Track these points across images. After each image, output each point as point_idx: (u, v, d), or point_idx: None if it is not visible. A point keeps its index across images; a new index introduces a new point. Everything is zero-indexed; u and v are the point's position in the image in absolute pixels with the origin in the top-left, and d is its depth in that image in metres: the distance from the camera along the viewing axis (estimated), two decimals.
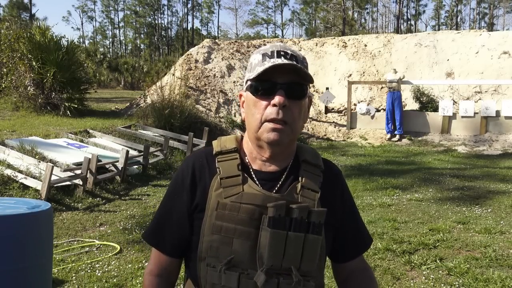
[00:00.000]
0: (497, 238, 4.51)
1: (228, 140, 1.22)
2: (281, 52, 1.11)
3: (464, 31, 14.29)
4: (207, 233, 1.11)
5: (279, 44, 1.15)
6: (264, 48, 1.14)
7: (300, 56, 1.14)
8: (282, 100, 1.08)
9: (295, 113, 1.11)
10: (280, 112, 1.08)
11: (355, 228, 1.27)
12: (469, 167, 8.70)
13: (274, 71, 1.09)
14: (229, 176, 1.13)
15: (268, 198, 1.10)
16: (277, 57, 1.10)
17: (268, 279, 1.05)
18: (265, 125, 1.10)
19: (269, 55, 1.11)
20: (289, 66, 1.08)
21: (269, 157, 1.16)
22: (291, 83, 1.10)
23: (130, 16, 63.54)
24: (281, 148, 1.15)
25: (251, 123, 1.13)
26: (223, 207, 1.10)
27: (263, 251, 1.06)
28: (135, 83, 32.34)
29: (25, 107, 11.23)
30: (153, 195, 6.49)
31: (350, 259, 1.27)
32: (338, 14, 49.80)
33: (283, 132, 1.10)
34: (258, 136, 1.12)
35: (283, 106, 1.08)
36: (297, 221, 1.06)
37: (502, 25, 58.40)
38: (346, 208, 1.25)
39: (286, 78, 1.10)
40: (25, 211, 1.86)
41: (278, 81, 1.09)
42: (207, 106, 12.16)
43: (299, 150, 1.23)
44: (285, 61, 1.09)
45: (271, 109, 1.09)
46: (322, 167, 1.21)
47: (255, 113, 1.12)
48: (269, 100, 1.10)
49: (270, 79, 1.10)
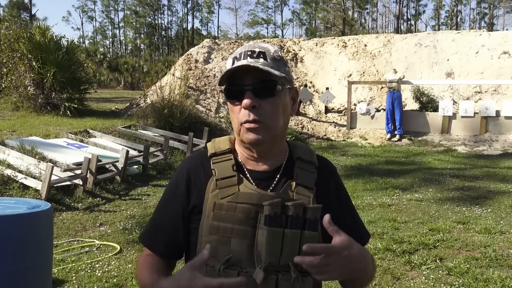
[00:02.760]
0: (497, 238, 4.51)
1: (222, 141, 1.23)
2: (248, 52, 1.12)
3: (464, 31, 14.29)
4: (205, 234, 1.12)
5: (249, 44, 1.16)
6: (236, 51, 1.16)
7: (270, 51, 1.13)
8: (249, 102, 1.09)
9: (268, 110, 1.11)
10: (250, 114, 1.10)
11: (351, 224, 1.27)
12: (469, 167, 8.70)
13: (242, 73, 1.10)
14: (225, 177, 1.15)
15: (263, 197, 1.11)
16: (243, 59, 1.10)
17: (266, 276, 1.06)
18: (242, 127, 1.13)
19: (238, 58, 1.12)
20: (245, 67, 1.09)
21: (258, 157, 1.18)
22: (257, 82, 1.10)
23: (130, 16, 63.54)
24: (265, 147, 1.16)
25: (234, 127, 1.17)
26: (220, 208, 1.11)
27: (260, 249, 1.07)
28: (135, 83, 32.32)
29: (25, 107, 11.23)
30: (153, 195, 6.49)
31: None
32: (338, 14, 49.81)
33: (259, 131, 1.11)
34: (241, 138, 1.15)
35: (253, 107, 1.10)
36: (293, 218, 1.07)
37: (502, 25, 58.46)
38: (341, 203, 1.25)
39: (252, 78, 1.10)
40: (25, 211, 1.86)
41: (245, 83, 1.10)
42: (207, 106, 12.16)
43: (292, 147, 1.23)
44: (251, 61, 1.09)
45: (243, 112, 1.11)
46: (316, 163, 1.22)
47: (233, 117, 1.15)
48: (240, 103, 1.12)
49: (237, 83, 1.11)
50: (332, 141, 12.38)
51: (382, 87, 13.63)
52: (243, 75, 1.10)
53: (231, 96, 1.14)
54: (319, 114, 13.78)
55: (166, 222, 1.21)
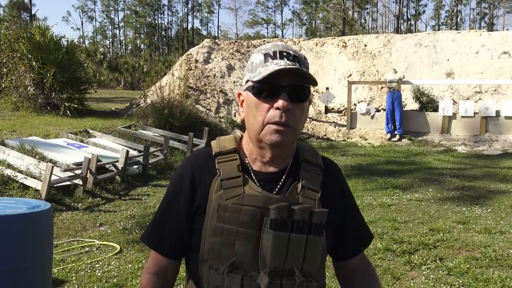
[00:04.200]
0: (497, 238, 4.51)
1: (228, 140, 1.20)
2: (283, 52, 1.10)
3: (464, 31, 14.29)
4: (208, 235, 1.10)
5: (281, 44, 1.13)
6: (265, 47, 1.13)
7: (302, 57, 1.13)
8: (286, 104, 1.07)
9: (297, 115, 1.11)
10: (283, 116, 1.08)
11: (355, 226, 1.27)
12: (469, 167, 8.70)
13: (277, 74, 1.07)
14: (230, 177, 1.13)
15: (269, 200, 1.09)
16: (279, 58, 1.08)
17: (271, 281, 1.05)
18: (268, 127, 1.09)
19: (272, 56, 1.09)
20: (294, 70, 1.07)
21: (270, 159, 1.16)
22: (294, 86, 1.09)
23: (130, 16, 63.54)
24: (282, 150, 1.15)
25: (253, 125, 1.12)
26: (224, 209, 1.09)
27: (265, 253, 1.05)
28: (135, 83, 32.32)
29: (25, 107, 11.23)
30: (153, 195, 6.49)
31: (351, 257, 1.27)
32: (338, 14, 49.80)
33: (286, 134, 1.09)
34: (260, 138, 1.12)
35: (287, 110, 1.08)
36: (299, 223, 1.06)
37: (502, 25, 58.45)
38: (346, 205, 1.25)
39: (289, 81, 1.08)
40: (25, 211, 1.85)
41: (282, 84, 1.08)
42: (207, 106, 12.16)
43: (298, 149, 1.22)
44: (289, 63, 1.08)
45: (274, 112, 1.08)
46: (322, 165, 1.21)
47: (257, 115, 1.10)
48: (271, 102, 1.09)
49: (273, 82, 1.08)
50: (332, 141, 12.37)
51: (382, 87, 13.63)
52: (279, 75, 1.08)
53: (263, 93, 1.10)
54: (319, 114, 13.78)
55: (169, 222, 1.19)
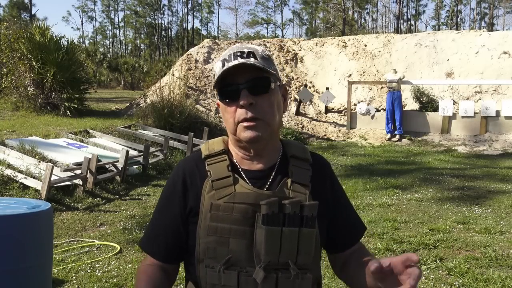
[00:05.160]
0: (497, 238, 4.51)
1: (216, 142, 1.23)
2: (237, 53, 1.12)
3: (464, 31, 14.28)
4: (203, 235, 1.12)
5: (236, 46, 1.17)
6: (224, 54, 1.16)
7: (258, 50, 1.15)
8: (246, 100, 1.10)
9: (265, 106, 1.12)
10: (248, 112, 1.10)
11: (347, 217, 1.28)
12: (469, 167, 8.70)
13: (235, 73, 1.11)
14: (220, 177, 1.15)
15: (260, 196, 1.11)
16: (234, 59, 1.11)
17: (266, 275, 1.07)
18: (240, 126, 1.13)
19: (227, 59, 1.12)
20: (240, 65, 1.09)
21: (254, 155, 1.18)
22: (252, 80, 1.11)
23: (130, 16, 63.55)
24: (262, 144, 1.16)
25: (228, 127, 1.16)
26: (217, 209, 1.11)
27: (259, 248, 1.07)
28: (135, 83, 32.33)
29: (25, 107, 11.23)
30: (153, 195, 6.49)
31: (345, 249, 1.27)
32: (338, 14, 49.81)
33: (257, 128, 1.12)
34: (237, 137, 1.15)
35: (250, 105, 1.10)
36: (290, 216, 1.08)
37: (502, 25, 58.47)
38: (336, 198, 1.26)
39: (246, 77, 1.11)
40: (25, 211, 1.85)
41: (239, 82, 1.11)
42: (207, 106, 12.16)
43: (286, 146, 1.24)
44: (241, 60, 1.10)
45: (240, 110, 1.11)
46: (310, 160, 1.23)
47: (228, 117, 1.15)
48: (237, 102, 1.12)
49: (232, 82, 1.12)
50: (332, 141, 12.37)
51: (382, 87, 13.63)
52: (236, 75, 1.11)
53: (226, 96, 1.14)
54: (319, 114, 13.78)
55: (165, 226, 1.21)
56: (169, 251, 1.21)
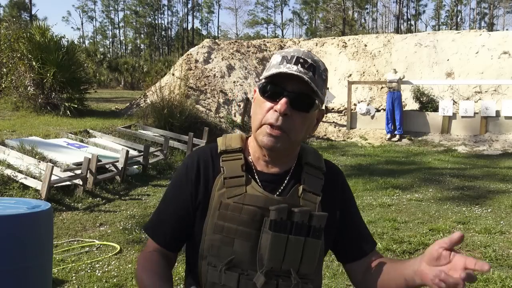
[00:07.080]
0: (497, 238, 4.51)
1: (234, 139, 1.21)
2: (300, 59, 1.08)
3: (464, 31, 14.29)
4: (209, 232, 1.11)
5: (303, 51, 1.12)
6: (287, 50, 1.12)
7: (320, 67, 1.11)
8: (284, 108, 1.06)
9: (297, 123, 1.09)
10: (279, 119, 1.07)
11: (357, 232, 1.26)
12: (469, 167, 8.70)
13: (286, 77, 1.07)
14: (233, 176, 1.14)
15: (270, 201, 1.10)
16: (294, 64, 1.07)
17: (267, 280, 1.06)
18: (263, 128, 1.10)
19: (288, 59, 1.08)
20: (296, 77, 1.06)
21: (269, 159, 1.17)
22: (299, 94, 1.08)
23: (130, 16, 63.57)
24: (277, 154, 1.14)
25: (254, 122, 1.13)
26: (226, 208, 1.10)
27: (263, 253, 1.06)
28: (135, 83, 32.34)
29: (25, 107, 11.23)
30: (153, 195, 6.49)
31: (361, 256, 1.23)
32: (338, 14, 49.80)
33: (279, 139, 1.09)
34: (256, 136, 1.13)
35: (284, 114, 1.07)
36: (298, 225, 1.07)
37: (502, 25, 58.47)
38: (347, 211, 1.25)
39: (295, 87, 1.07)
40: (25, 211, 1.85)
41: (287, 88, 1.08)
42: (207, 106, 12.15)
43: (302, 151, 1.22)
44: (301, 69, 1.06)
45: (272, 114, 1.08)
46: (324, 169, 1.21)
47: (258, 113, 1.12)
48: (274, 103, 1.08)
49: (280, 84, 1.08)
50: (332, 141, 12.38)
51: (382, 87, 13.63)
52: (287, 80, 1.07)
53: (267, 92, 1.10)
54: None
55: (172, 212, 1.20)
56: (173, 237, 1.20)
